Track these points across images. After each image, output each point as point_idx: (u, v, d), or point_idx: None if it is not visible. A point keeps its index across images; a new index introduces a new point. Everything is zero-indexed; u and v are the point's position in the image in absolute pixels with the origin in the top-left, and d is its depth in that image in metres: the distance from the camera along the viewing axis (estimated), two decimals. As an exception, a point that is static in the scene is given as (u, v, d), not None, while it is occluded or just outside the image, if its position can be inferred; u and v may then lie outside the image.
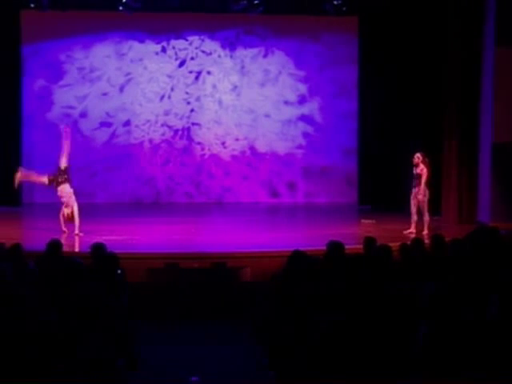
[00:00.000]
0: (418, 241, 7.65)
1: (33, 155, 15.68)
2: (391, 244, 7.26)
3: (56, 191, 11.42)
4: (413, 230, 11.53)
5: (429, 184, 11.65)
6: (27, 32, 15.36)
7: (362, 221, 13.15)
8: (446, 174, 13.19)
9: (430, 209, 12.10)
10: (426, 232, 11.42)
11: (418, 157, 11.62)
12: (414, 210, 11.64)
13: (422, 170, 11.53)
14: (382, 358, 4.08)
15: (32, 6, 13.93)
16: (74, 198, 11.27)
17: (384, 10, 14.67)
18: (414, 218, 11.63)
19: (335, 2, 13.99)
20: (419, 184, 11.55)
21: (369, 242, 7.59)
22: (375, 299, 4.83)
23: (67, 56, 15.79)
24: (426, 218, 11.60)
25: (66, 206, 11.20)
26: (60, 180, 11.42)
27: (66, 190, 11.30)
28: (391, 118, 15.08)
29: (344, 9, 14.27)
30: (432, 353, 2.69)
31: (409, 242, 7.76)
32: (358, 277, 5.46)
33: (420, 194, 11.54)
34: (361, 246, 7.70)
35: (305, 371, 4.98)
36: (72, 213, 11.16)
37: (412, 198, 11.68)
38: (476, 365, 2.64)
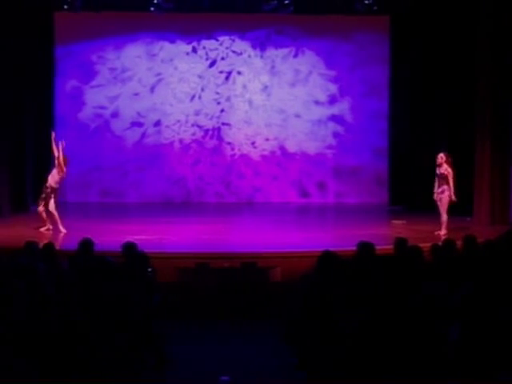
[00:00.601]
0: (449, 242, 7.57)
1: (65, 153, 15.78)
2: (422, 245, 7.22)
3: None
4: (444, 231, 11.40)
5: (455, 183, 11.48)
6: (60, 33, 15.52)
7: (393, 221, 13.07)
8: (479, 174, 13.05)
9: (461, 209, 11.99)
10: (443, 232, 11.27)
11: (441, 157, 11.49)
12: (443, 212, 11.49)
13: (446, 170, 11.38)
14: (413, 359, 4.05)
15: (65, 7, 14.06)
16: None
17: (415, 8, 14.57)
18: (443, 218, 11.50)
19: (366, 1, 13.93)
20: (443, 184, 11.41)
21: (400, 242, 7.53)
22: (406, 300, 4.79)
23: (99, 57, 15.92)
24: (444, 218, 11.44)
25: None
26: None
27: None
28: (422, 117, 14.95)
29: (375, 8, 14.21)
30: (465, 354, 2.67)
31: (440, 243, 7.70)
32: (390, 277, 5.43)
33: (445, 195, 11.37)
34: (391, 247, 7.65)
35: (335, 371, 4.97)
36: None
37: (437, 198, 11.53)
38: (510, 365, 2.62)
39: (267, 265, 9.68)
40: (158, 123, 16.08)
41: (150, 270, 7.68)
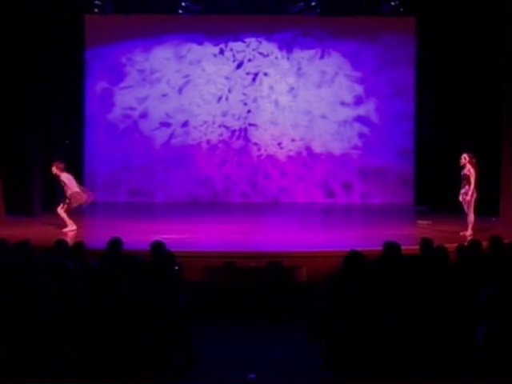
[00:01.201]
0: (475, 242, 7.51)
1: (94, 154, 15.96)
2: (448, 245, 7.17)
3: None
4: (470, 231, 11.31)
5: (477, 184, 11.37)
6: (90, 36, 15.66)
7: (418, 222, 12.99)
8: (505, 174, 12.93)
9: (488, 210, 11.87)
10: (469, 233, 11.17)
11: (464, 157, 11.40)
12: (469, 212, 11.40)
13: (469, 170, 11.28)
14: (441, 360, 4.03)
15: (96, 10, 14.16)
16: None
17: (442, 10, 14.46)
18: (470, 218, 11.41)
19: (392, 3, 13.84)
20: (466, 185, 11.32)
21: (425, 243, 7.49)
22: (433, 300, 4.76)
23: (128, 59, 16.02)
24: (471, 218, 11.34)
25: None
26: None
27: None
28: (448, 118, 14.85)
29: (401, 9, 14.11)
30: (493, 354, 2.65)
31: (466, 244, 7.64)
32: (416, 278, 5.40)
33: (468, 195, 11.28)
34: (417, 247, 7.61)
35: (361, 371, 4.95)
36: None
37: (461, 199, 11.44)
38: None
39: (293, 264, 9.67)
40: (185, 124, 16.15)
41: (176, 268, 7.72)
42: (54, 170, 11.99)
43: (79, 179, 15.51)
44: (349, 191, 16.21)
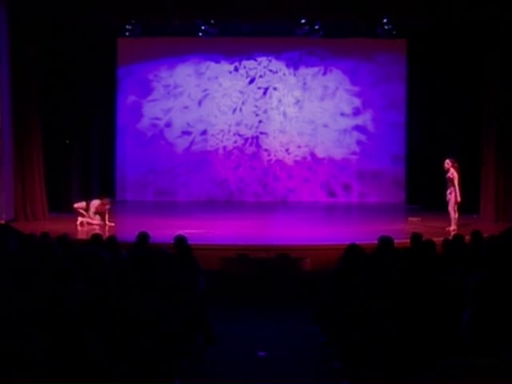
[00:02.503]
0: (458, 236, 7.50)
1: (125, 160, 16.01)
2: (435, 239, 7.14)
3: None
4: (454, 227, 11.27)
5: (460, 185, 11.27)
6: (122, 56, 15.71)
7: (409, 219, 12.94)
8: (484, 176, 12.89)
9: (470, 208, 11.81)
10: (453, 228, 11.13)
11: (447, 163, 11.36)
12: (451, 210, 11.35)
13: (452, 173, 11.23)
14: (431, 340, 4.03)
15: (127, 34, 14.22)
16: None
17: (430, 32, 14.44)
18: (452, 215, 11.35)
19: (386, 27, 13.81)
20: (450, 187, 11.28)
21: (415, 237, 7.48)
22: (422, 286, 4.76)
23: (154, 75, 16.06)
24: (452, 215, 11.30)
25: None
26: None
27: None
28: (435, 127, 14.83)
29: (394, 32, 14.07)
30: (478, 335, 2.65)
31: (451, 238, 7.62)
32: (408, 267, 5.39)
33: (453, 196, 11.23)
34: (408, 241, 7.59)
35: (360, 349, 4.95)
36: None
37: (448, 199, 11.40)
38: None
39: (299, 256, 9.67)
40: (204, 132, 16.16)
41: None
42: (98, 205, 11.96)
43: (111, 181, 15.65)
44: (348, 192, 16.18)
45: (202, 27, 14.09)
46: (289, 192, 16.18)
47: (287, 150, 16.21)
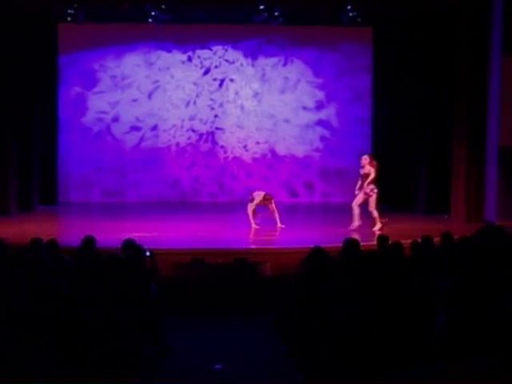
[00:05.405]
0: (427, 238, 7.61)
1: (68, 157, 15.80)
2: (403, 241, 7.25)
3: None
4: (358, 222, 11.43)
5: (375, 182, 11.51)
6: (64, 43, 15.48)
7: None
8: (455, 174, 13.13)
9: (441, 208, 11.97)
10: (377, 228, 11.34)
11: (365, 158, 11.60)
12: (355, 206, 11.57)
13: (368, 170, 11.43)
14: (399, 347, 4.08)
15: (69, 19, 14.03)
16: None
17: (396, 21, 14.63)
18: (356, 212, 11.55)
19: (350, 14, 13.93)
20: (365, 183, 11.45)
21: (382, 239, 7.58)
22: (391, 293, 4.82)
23: (100, 65, 15.90)
24: (375, 214, 11.51)
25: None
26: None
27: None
28: (403, 122, 15.02)
29: (359, 20, 14.22)
30: (452, 339, 2.71)
31: (419, 240, 7.73)
32: (374, 272, 5.45)
33: (374, 193, 11.39)
34: (374, 243, 7.69)
35: (323, 359, 4.98)
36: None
37: (357, 193, 11.61)
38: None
39: (258, 260, 9.69)
40: (155, 128, 16.08)
41: (148, 253, 7.65)
42: None
43: (53, 181, 15.42)
44: (311, 191, 16.29)
45: (152, 13, 14.01)
46: (247, 192, 16.15)
47: (245, 147, 16.23)
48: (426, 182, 14.20)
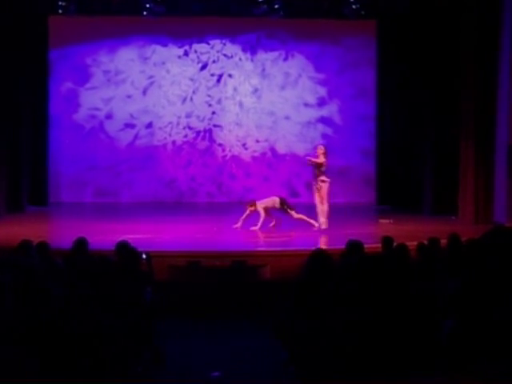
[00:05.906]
0: (434, 240, 7.60)
1: (60, 155, 15.79)
2: (409, 243, 7.24)
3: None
4: (323, 219, 11.51)
5: (326, 173, 11.63)
6: (55, 37, 15.47)
7: (380, 220, 13.10)
8: (463, 174, 13.12)
9: (448, 209, 11.95)
10: (322, 220, 11.36)
11: (320, 148, 11.65)
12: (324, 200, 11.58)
13: (321, 160, 11.47)
14: (402, 354, 4.07)
15: (60, 11, 14.03)
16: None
17: (401, 13, 14.63)
18: (326, 207, 11.59)
19: (354, 6, 13.95)
20: (321, 175, 11.51)
21: (387, 241, 7.57)
22: (396, 297, 4.81)
23: (93, 59, 15.90)
24: (326, 207, 11.54)
25: None
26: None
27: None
28: (408, 119, 15.02)
29: (362, 13, 14.25)
30: (457, 348, 2.71)
31: (425, 242, 7.72)
32: (379, 275, 5.45)
33: (326, 184, 11.45)
34: (379, 245, 7.68)
35: (323, 366, 4.97)
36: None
37: (317, 188, 11.65)
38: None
39: (257, 263, 9.67)
40: (150, 125, 16.08)
41: (144, 256, 7.65)
42: None
43: (44, 180, 15.41)
44: (312, 191, 16.23)
45: (147, 5, 14.05)
46: (246, 192, 16.17)
47: (244, 145, 16.22)
48: (432, 181, 14.17)
